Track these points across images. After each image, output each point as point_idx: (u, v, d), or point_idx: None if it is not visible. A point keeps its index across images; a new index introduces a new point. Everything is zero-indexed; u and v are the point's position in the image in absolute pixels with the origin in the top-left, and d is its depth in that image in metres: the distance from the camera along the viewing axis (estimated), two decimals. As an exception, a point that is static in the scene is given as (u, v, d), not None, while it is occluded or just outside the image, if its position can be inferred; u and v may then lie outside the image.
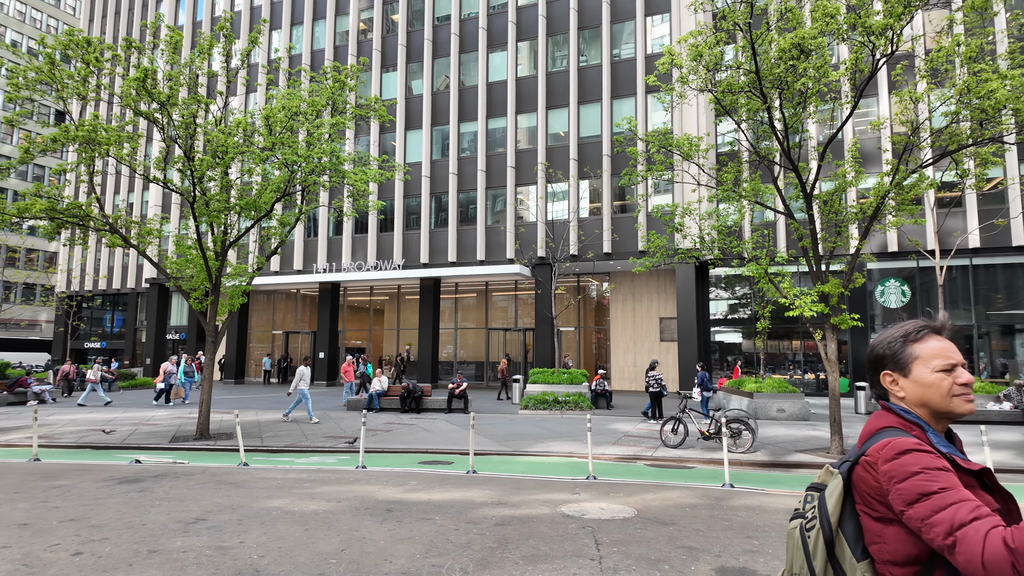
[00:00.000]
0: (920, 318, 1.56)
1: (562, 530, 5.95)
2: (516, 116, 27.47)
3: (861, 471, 1.41)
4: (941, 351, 1.47)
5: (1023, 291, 22.75)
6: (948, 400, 1.44)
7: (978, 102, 9.69)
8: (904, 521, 1.30)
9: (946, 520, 1.21)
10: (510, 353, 29.12)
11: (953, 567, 1.29)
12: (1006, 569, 1.09)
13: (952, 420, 1.46)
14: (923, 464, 1.30)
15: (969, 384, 1.45)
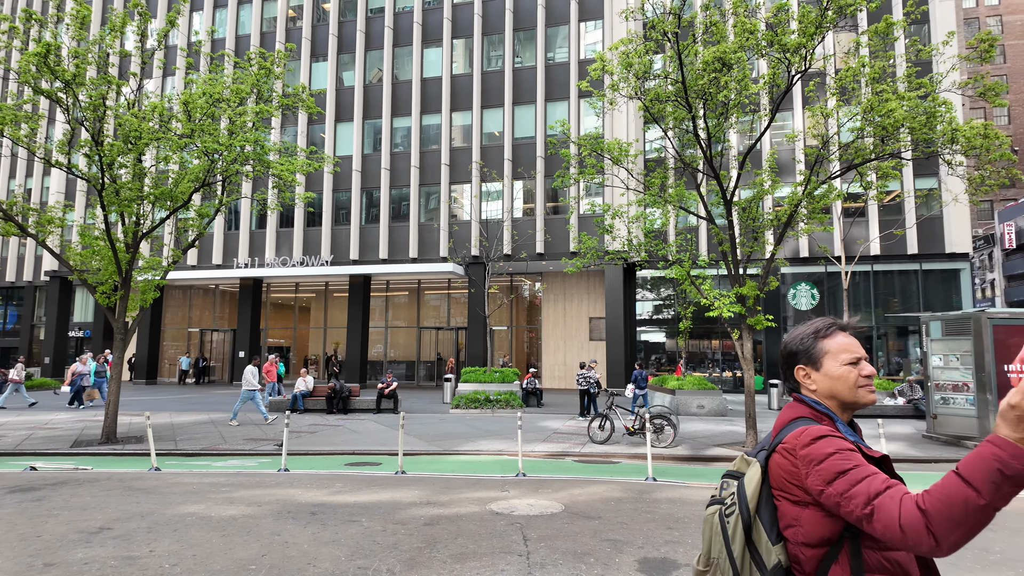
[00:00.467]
0: (828, 317, 1.68)
1: (491, 527, 5.98)
2: (451, 114, 27.33)
3: (778, 458, 1.49)
4: (848, 346, 1.58)
5: (916, 296, 24.83)
6: (854, 391, 1.55)
7: (879, 120, 10.49)
8: (823, 500, 1.38)
9: (863, 492, 1.30)
10: (440, 352, 28.95)
11: (857, 546, 1.39)
12: (921, 529, 1.20)
13: (856, 409, 1.58)
14: (837, 446, 1.40)
15: (871, 376, 1.57)
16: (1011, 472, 1.15)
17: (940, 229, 24.08)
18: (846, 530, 1.40)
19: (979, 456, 1.19)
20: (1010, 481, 1.15)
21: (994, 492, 1.15)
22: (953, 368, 12.54)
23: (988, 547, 5.45)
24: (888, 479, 1.33)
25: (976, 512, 1.16)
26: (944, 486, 1.21)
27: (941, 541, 1.19)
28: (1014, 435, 1.18)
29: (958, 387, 12.41)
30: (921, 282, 24.75)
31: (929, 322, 13.34)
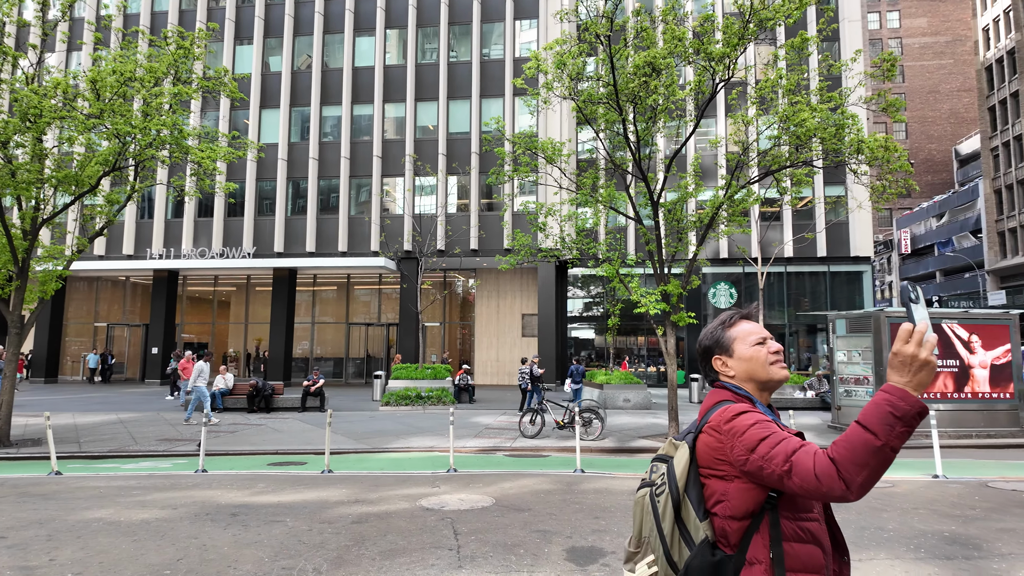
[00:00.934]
0: (731, 309, 1.81)
1: (421, 523, 5.94)
2: (384, 105, 26.79)
3: (705, 437, 1.59)
4: (753, 329, 1.72)
5: (824, 296, 26.61)
6: (767, 367, 1.66)
7: (794, 129, 11.16)
8: (747, 468, 1.49)
9: (782, 451, 1.43)
10: (370, 349, 28.39)
11: (775, 517, 1.50)
12: (833, 474, 1.34)
13: (772, 388, 1.69)
14: (756, 419, 1.53)
15: (779, 352, 1.69)
16: (900, 413, 1.30)
17: (846, 234, 25.89)
18: (767, 503, 1.51)
19: (874, 403, 1.35)
20: (901, 421, 1.30)
21: (889, 432, 1.30)
22: (855, 363, 13.54)
23: (883, 526, 5.93)
24: (802, 440, 1.46)
25: (876, 453, 1.30)
26: (847, 435, 1.35)
27: (850, 483, 1.32)
28: (900, 380, 1.35)
29: (860, 380, 13.41)
30: (829, 283, 26.53)
31: (835, 320, 14.34)
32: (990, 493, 7.41)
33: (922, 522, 6.05)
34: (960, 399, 12.65)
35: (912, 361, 1.35)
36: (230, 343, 29.43)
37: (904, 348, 1.36)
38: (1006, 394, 12.80)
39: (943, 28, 58.15)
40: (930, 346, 1.36)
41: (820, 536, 1.52)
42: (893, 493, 7.39)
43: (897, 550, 5.16)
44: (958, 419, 12.60)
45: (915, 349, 1.36)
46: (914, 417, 1.31)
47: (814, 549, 1.50)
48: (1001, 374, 12.82)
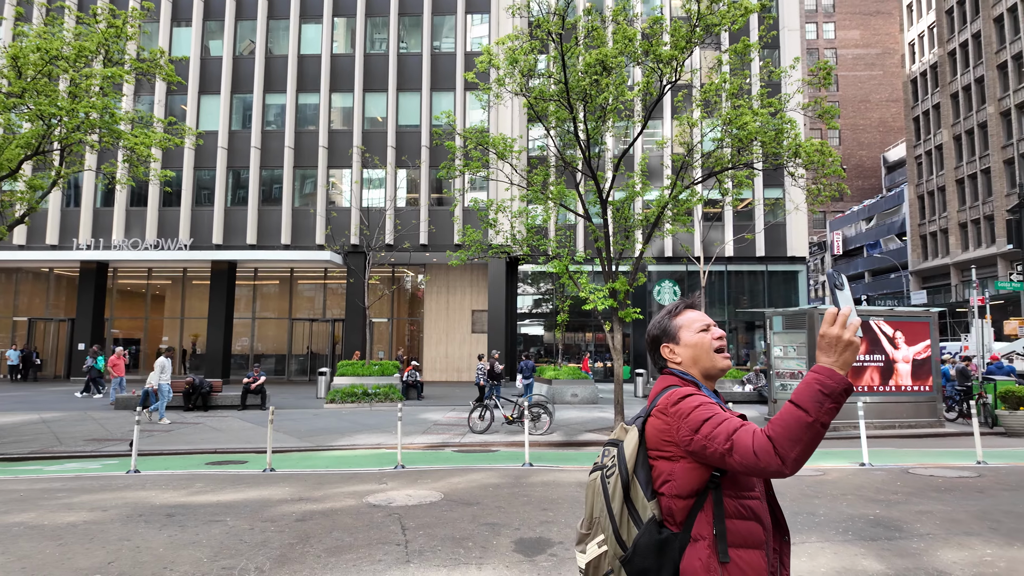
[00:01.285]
0: (676, 300, 1.87)
1: (368, 519, 5.85)
2: (331, 94, 26.14)
3: (654, 420, 1.65)
4: (697, 317, 1.80)
5: (763, 294, 27.70)
6: (711, 355, 1.73)
7: (736, 132, 11.55)
8: (692, 448, 1.55)
9: (724, 431, 1.50)
10: (314, 346, 27.72)
11: (719, 495, 1.57)
12: (770, 450, 1.41)
13: (715, 376, 1.76)
14: (701, 401, 1.60)
15: (723, 338, 1.76)
16: (828, 390, 1.39)
17: (783, 235, 27.01)
18: (710, 482, 1.58)
19: (804, 383, 1.44)
20: (829, 398, 1.39)
21: (819, 409, 1.39)
22: (791, 358, 14.16)
23: (815, 511, 6.24)
24: (743, 420, 1.53)
25: (807, 428, 1.39)
26: (782, 414, 1.44)
27: (785, 459, 1.40)
28: (827, 360, 1.45)
29: (795, 375, 14.03)
30: (767, 282, 27.65)
31: (772, 317, 14.95)
32: (911, 479, 7.90)
33: (850, 507, 6.39)
34: (885, 392, 13.42)
35: (837, 342, 1.44)
36: (165, 339, 28.12)
37: (830, 330, 1.45)
38: (926, 387, 13.67)
39: (874, 41, 61.43)
40: (853, 328, 1.44)
41: (760, 513, 1.60)
42: (824, 480, 7.78)
43: (827, 533, 5.44)
44: (883, 411, 13.36)
45: (839, 331, 1.44)
46: (841, 394, 1.40)
47: (755, 526, 1.57)
48: (922, 368, 13.68)
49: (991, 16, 38.09)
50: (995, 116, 37.44)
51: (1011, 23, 36.60)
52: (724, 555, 1.52)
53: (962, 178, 40.60)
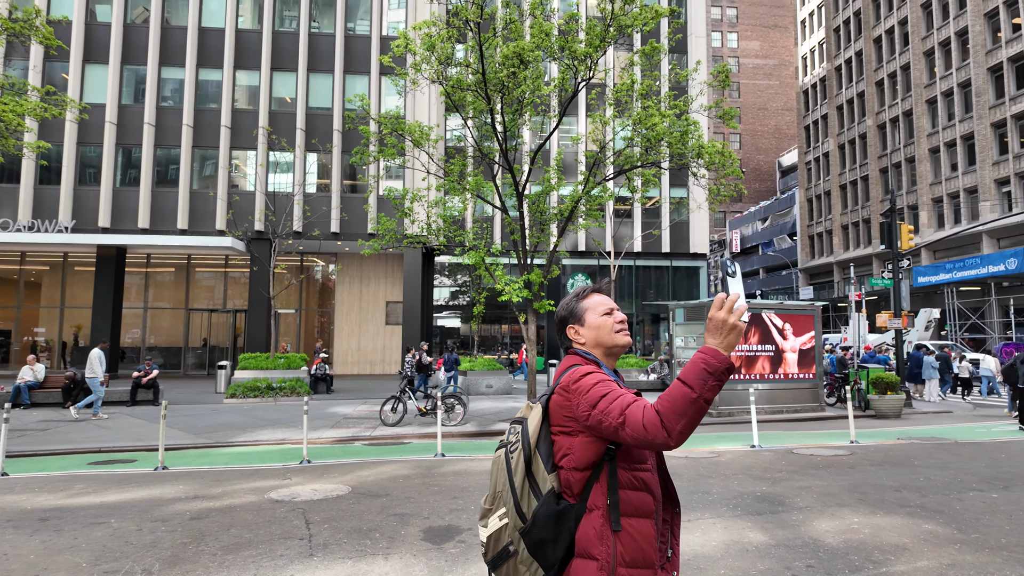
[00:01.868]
0: (584, 284, 1.95)
1: (270, 515, 5.61)
2: (235, 71, 24.63)
3: (556, 398, 1.72)
4: (602, 301, 1.89)
5: (668, 288, 29.07)
6: (612, 335, 1.83)
7: (645, 132, 12.01)
8: (589, 423, 1.62)
9: (618, 406, 1.57)
10: (214, 338, 26.18)
11: (613, 467, 1.65)
12: (657, 423, 1.49)
13: (616, 354, 1.85)
14: (599, 378, 1.68)
15: (624, 321, 1.86)
16: (712, 369, 1.48)
17: (687, 233, 28.45)
18: (606, 454, 1.66)
19: (692, 362, 1.53)
20: (712, 376, 1.48)
21: (703, 386, 1.48)
22: (692, 348, 14.96)
23: (708, 490, 6.64)
24: (637, 397, 1.61)
25: (692, 404, 1.47)
26: (670, 390, 1.52)
27: (671, 431, 1.48)
28: (713, 341, 1.54)
29: (694, 363, 14.84)
30: (671, 276, 29.04)
31: (675, 309, 15.73)
32: (794, 458, 8.60)
33: (740, 485, 6.86)
34: (775, 379, 14.50)
35: (723, 325, 1.53)
36: (40, 330, 25.54)
37: (718, 314, 1.54)
38: (810, 374, 14.90)
39: (772, 52, 65.78)
40: (739, 312, 1.54)
41: (652, 485, 1.69)
42: (718, 462, 8.30)
43: (719, 510, 5.81)
44: (773, 397, 14.44)
45: (726, 315, 1.54)
46: (723, 373, 1.50)
47: (646, 496, 1.66)
48: (806, 357, 14.89)
49: (871, 37, 41.83)
50: (873, 128, 41.22)
51: (888, 44, 40.37)
52: (616, 524, 1.60)
53: (845, 184, 44.42)
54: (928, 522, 5.41)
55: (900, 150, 38.74)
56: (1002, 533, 5.10)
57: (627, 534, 1.61)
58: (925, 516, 5.60)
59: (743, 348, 14.22)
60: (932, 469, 7.79)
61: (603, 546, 1.59)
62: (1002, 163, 31.73)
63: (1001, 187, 32.01)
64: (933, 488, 6.74)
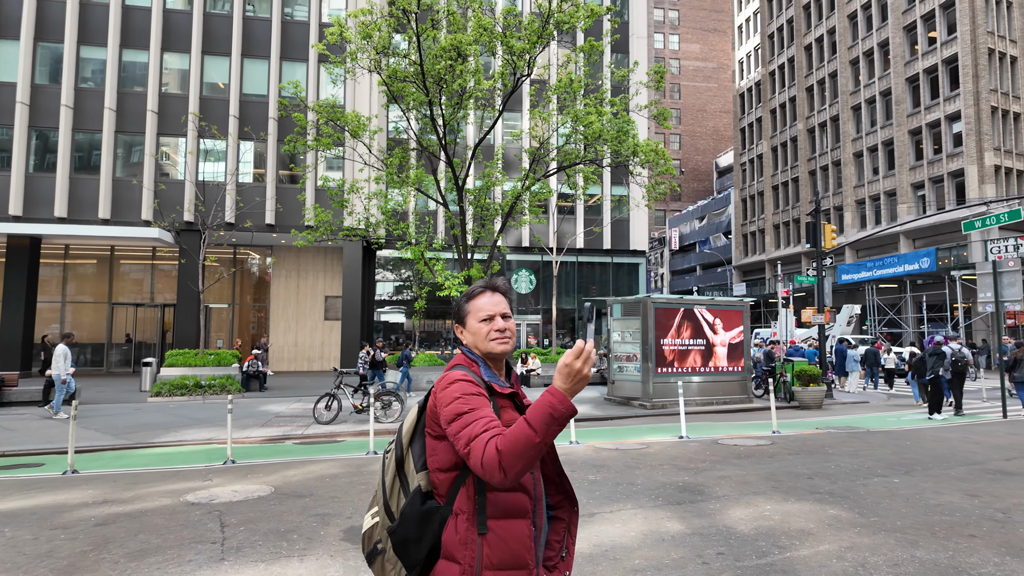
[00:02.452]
0: (485, 279, 1.90)
1: (183, 519, 5.37)
2: (163, 54, 23.41)
3: (431, 398, 1.72)
4: (486, 305, 1.81)
5: (609, 284, 29.60)
6: (487, 343, 1.78)
7: (583, 130, 12.16)
8: (447, 436, 1.62)
9: (466, 435, 1.54)
10: (140, 333, 24.91)
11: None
12: (495, 466, 1.46)
13: (496, 358, 1.81)
14: (463, 391, 1.63)
15: (503, 330, 1.79)
16: (558, 414, 1.46)
17: (627, 230, 29.03)
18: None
19: (538, 404, 1.49)
20: (557, 421, 1.46)
21: (546, 431, 1.45)
22: (627, 342, 15.29)
23: (634, 481, 6.80)
24: (488, 423, 1.55)
25: (533, 448, 1.45)
26: (514, 429, 1.48)
27: (508, 472, 1.46)
28: (562, 386, 1.50)
29: (630, 357, 15.18)
30: (612, 273, 29.59)
31: (612, 305, 16.02)
32: (718, 448, 8.92)
33: (664, 475, 7.06)
34: (706, 372, 14.99)
35: (577, 374, 1.50)
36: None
37: (574, 363, 1.50)
38: (738, 368, 15.48)
39: (711, 55, 67.83)
40: (591, 362, 1.52)
41: (527, 483, 1.66)
42: (646, 453, 8.52)
43: (641, 500, 5.96)
44: (704, 389, 14.93)
45: (580, 364, 1.50)
46: (567, 418, 1.48)
47: (519, 496, 1.64)
48: (735, 351, 15.46)
49: (803, 44, 43.75)
50: (803, 132, 43.18)
51: (818, 52, 42.33)
52: (482, 527, 1.59)
53: (777, 185, 46.37)
54: (834, 507, 5.71)
55: (828, 153, 40.75)
56: (898, 516, 5.44)
57: (495, 536, 1.59)
58: (832, 502, 5.92)
59: (676, 342, 14.64)
60: (843, 456, 8.24)
61: (467, 550, 1.58)
62: (918, 168, 33.86)
63: (917, 191, 34.17)
64: (842, 475, 7.12)
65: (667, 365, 14.52)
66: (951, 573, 4.13)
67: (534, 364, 20.40)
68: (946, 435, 10.32)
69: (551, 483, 1.82)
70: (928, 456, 8.32)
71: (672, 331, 14.65)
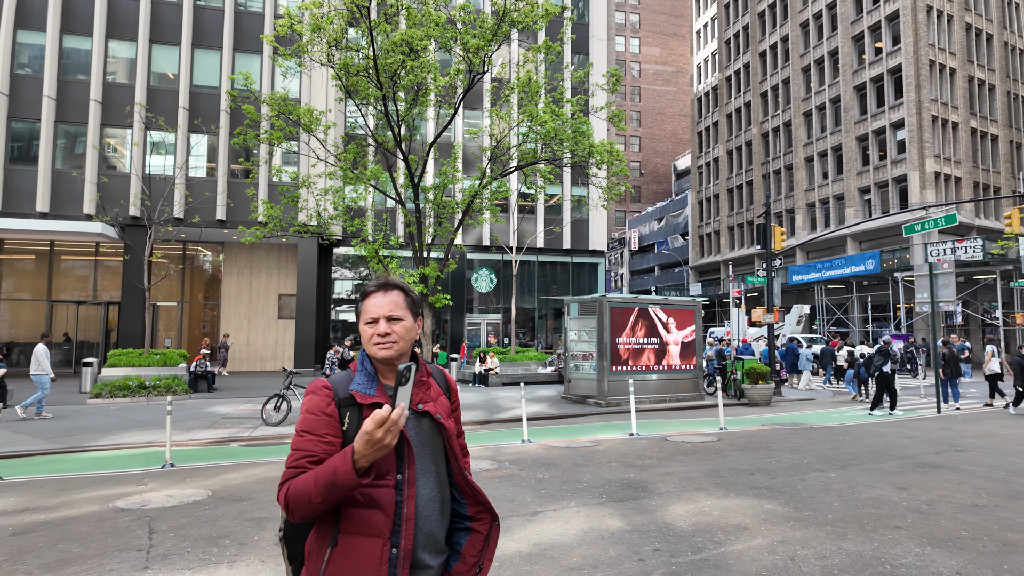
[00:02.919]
0: (381, 278, 1.82)
1: (110, 526, 5.15)
2: (107, 41, 22.48)
3: None
4: (371, 307, 1.71)
5: (569, 283, 29.79)
6: (370, 346, 1.70)
7: (539, 129, 12.18)
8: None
9: (289, 461, 1.57)
10: (83, 332, 23.86)
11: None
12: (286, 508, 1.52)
13: (384, 363, 1.71)
14: (307, 407, 1.62)
15: (384, 334, 1.68)
16: (340, 483, 1.45)
17: (586, 230, 29.27)
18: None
19: (330, 465, 1.48)
20: (339, 489, 1.46)
21: (326, 496, 1.46)
22: (584, 341, 15.41)
23: (580, 479, 6.84)
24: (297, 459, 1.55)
25: (315, 506, 1.48)
26: (301, 482, 1.49)
27: (294, 515, 1.52)
28: (361, 452, 1.45)
29: (586, 356, 15.30)
30: (572, 272, 29.80)
31: (569, 304, 16.12)
32: (666, 445, 9.06)
33: (611, 472, 7.13)
34: (660, 370, 15.23)
35: (376, 442, 1.44)
36: None
37: (374, 431, 1.43)
38: (690, 366, 15.78)
39: (670, 59, 69.01)
40: (396, 430, 1.45)
41: (383, 501, 1.57)
42: (596, 450, 8.59)
43: (585, 498, 5.99)
44: (658, 387, 15.17)
45: (382, 435, 1.43)
46: (348, 489, 1.47)
47: (373, 514, 1.56)
48: (688, 349, 15.75)
49: (758, 51, 44.92)
50: (758, 137, 44.34)
51: (772, 59, 43.52)
52: (333, 539, 1.57)
53: (732, 188, 47.51)
54: (771, 502, 5.86)
55: (780, 158, 41.95)
56: (831, 510, 5.62)
57: (341, 551, 1.54)
58: (769, 497, 6.07)
59: (631, 341, 14.83)
60: (785, 452, 8.48)
61: (313, 561, 1.58)
62: (864, 173, 35.18)
63: (863, 195, 35.50)
64: (782, 470, 7.32)
65: (622, 363, 14.70)
66: (874, 564, 4.28)
67: (492, 363, 20.38)
68: (883, 430, 10.73)
69: (467, 494, 1.75)
70: (865, 451, 8.63)
71: (627, 330, 14.83)
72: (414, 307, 1.77)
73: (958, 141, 33.64)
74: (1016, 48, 37.62)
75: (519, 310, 28.46)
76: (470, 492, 1.75)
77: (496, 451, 8.56)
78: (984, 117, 35.11)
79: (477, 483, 1.79)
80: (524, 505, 5.73)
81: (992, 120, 35.53)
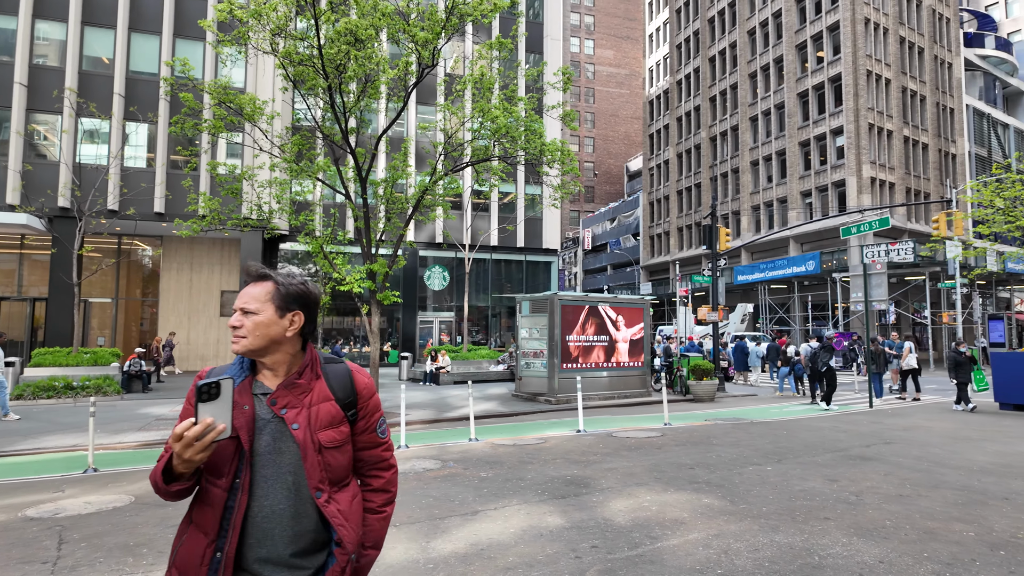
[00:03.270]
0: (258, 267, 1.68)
1: (15, 537, 4.78)
2: (35, 20, 21.15)
3: None
4: (239, 298, 1.64)
5: (522, 281, 29.82)
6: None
7: (489, 125, 12.08)
8: None
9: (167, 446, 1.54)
10: (6, 330, 22.41)
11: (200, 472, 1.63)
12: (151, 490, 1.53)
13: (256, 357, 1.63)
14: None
15: (235, 327, 1.61)
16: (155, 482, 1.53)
17: (540, 229, 29.37)
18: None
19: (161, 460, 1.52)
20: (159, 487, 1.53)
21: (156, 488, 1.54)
22: (535, 339, 15.42)
23: (524, 476, 6.79)
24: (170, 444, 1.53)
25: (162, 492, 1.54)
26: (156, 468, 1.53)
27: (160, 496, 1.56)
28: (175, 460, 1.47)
29: (537, 354, 15.32)
30: (526, 270, 29.85)
31: (521, 302, 16.11)
32: (611, 441, 9.12)
33: (555, 469, 7.11)
34: (609, 367, 15.39)
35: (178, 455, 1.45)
36: None
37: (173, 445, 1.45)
38: (639, 363, 16.01)
39: (624, 62, 70.03)
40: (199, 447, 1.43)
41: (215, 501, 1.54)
42: (542, 447, 8.57)
43: (527, 496, 5.95)
44: (607, 383, 15.32)
45: (180, 448, 1.43)
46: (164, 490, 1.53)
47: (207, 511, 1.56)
48: (636, 347, 15.97)
49: (707, 56, 46.04)
50: (706, 140, 45.47)
51: (720, 64, 44.69)
52: (187, 526, 1.61)
53: (682, 190, 48.58)
54: (708, 496, 5.95)
55: (728, 161, 43.15)
56: (765, 503, 5.74)
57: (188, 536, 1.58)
58: (708, 491, 6.16)
59: (581, 338, 14.92)
60: (725, 447, 8.66)
61: (176, 538, 1.62)
62: (806, 177, 36.54)
63: (805, 198, 36.87)
64: (722, 464, 7.46)
65: (572, 361, 14.77)
66: (804, 555, 4.37)
67: (444, 361, 20.19)
68: (819, 424, 11.12)
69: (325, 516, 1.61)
70: (800, 445, 8.90)
71: (577, 328, 14.92)
72: (285, 301, 1.62)
73: (892, 148, 35.32)
74: (945, 61, 39.79)
75: (472, 308, 28.31)
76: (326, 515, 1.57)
77: (442, 450, 8.43)
78: (916, 126, 36.99)
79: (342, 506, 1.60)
80: (465, 504, 5.63)
81: (923, 129, 37.47)
